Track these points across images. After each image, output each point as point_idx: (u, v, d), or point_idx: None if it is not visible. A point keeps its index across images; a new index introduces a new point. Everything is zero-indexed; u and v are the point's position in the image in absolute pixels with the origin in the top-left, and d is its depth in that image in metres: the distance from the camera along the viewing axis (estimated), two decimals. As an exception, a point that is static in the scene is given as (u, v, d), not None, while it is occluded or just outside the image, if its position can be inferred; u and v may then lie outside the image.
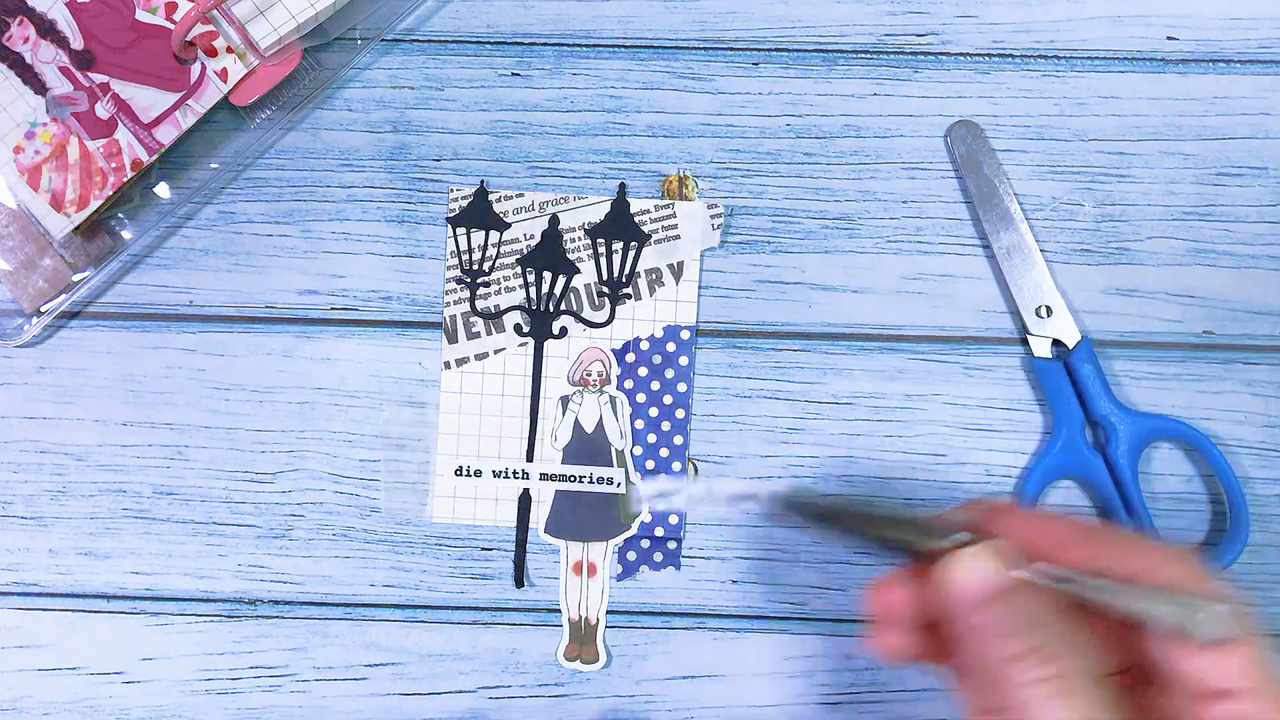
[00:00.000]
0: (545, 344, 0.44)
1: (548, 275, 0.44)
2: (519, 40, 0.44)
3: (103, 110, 0.42)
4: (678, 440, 0.44)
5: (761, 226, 0.44)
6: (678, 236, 0.44)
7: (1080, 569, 0.31)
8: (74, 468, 0.44)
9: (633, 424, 0.44)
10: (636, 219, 0.44)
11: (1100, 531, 0.34)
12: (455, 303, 0.44)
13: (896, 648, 0.35)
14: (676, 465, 0.44)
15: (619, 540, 0.44)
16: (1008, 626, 0.31)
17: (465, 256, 0.44)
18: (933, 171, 0.44)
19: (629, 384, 0.44)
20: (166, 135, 0.42)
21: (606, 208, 0.44)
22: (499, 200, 0.44)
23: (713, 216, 0.44)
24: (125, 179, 0.42)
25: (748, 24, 0.44)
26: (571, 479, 0.44)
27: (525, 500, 0.44)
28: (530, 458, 0.44)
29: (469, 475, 0.44)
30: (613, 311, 0.44)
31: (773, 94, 0.44)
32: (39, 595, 0.44)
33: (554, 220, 0.44)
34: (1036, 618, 0.31)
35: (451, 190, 0.44)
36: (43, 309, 0.43)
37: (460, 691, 0.44)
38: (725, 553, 0.44)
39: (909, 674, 0.44)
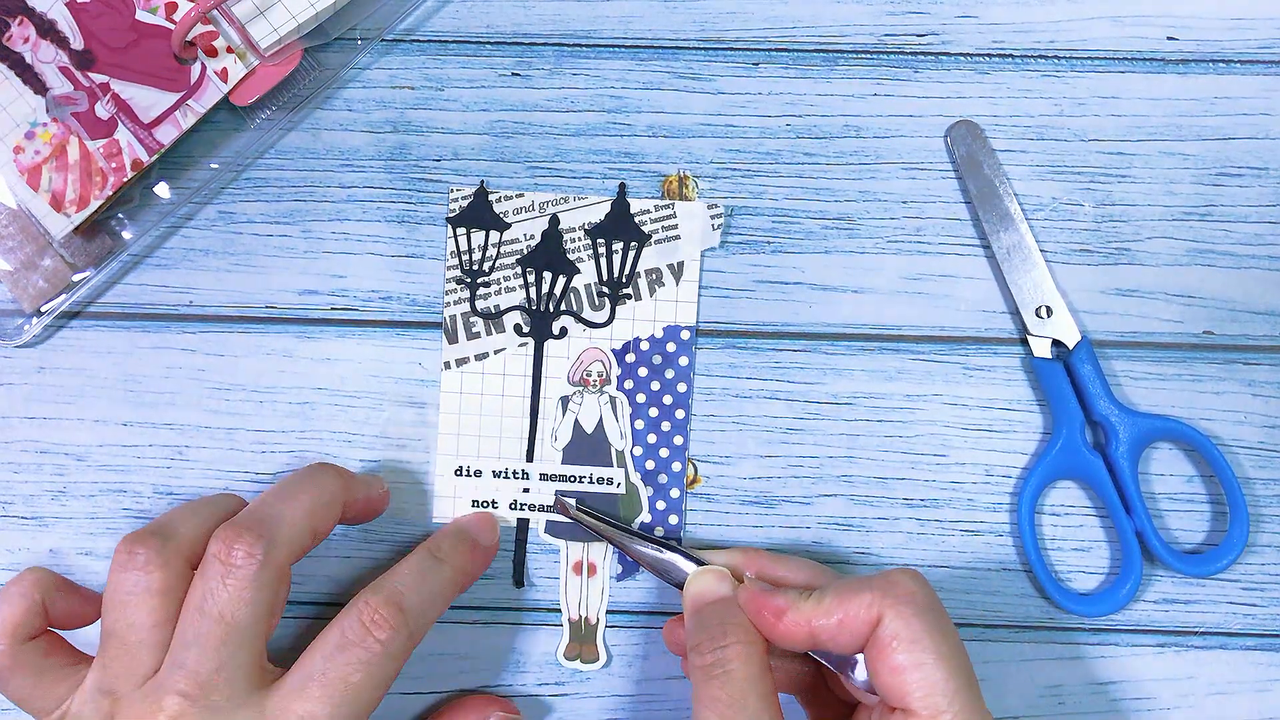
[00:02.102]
0: (545, 344, 0.44)
1: (548, 275, 0.44)
2: (519, 40, 0.44)
3: (103, 110, 0.42)
4: (678, 440, 0.44)
5: (761, 226, 0.44)
6: (678, 236, 0.44)
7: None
8: (74, 468, 0.44)
9: (633, 424, 0.44)
10: (636, 219, 0.44)
11: (784, 557, 0.41)
12: (455, 303, 0.44)
13: None
14: (676, 465, 0.44)
15: (619, 540, 0.44)
16: (697, 624, 0.38)
17: (465, 256, 0.44)
18: (933, 171, 0.44)
19: (629, 384, 0.44)
20: (166, 135, 0.42)
21: (606, 208, 0.44)
22: (499, 200, 0.44)
23: (713, 216, 0.44)
24: (125, 179, 0.42)
25: (748, 24, 0.44)
26: (571, 479, 0.44)
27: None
28: (530, 458, 0.44)
29: (469, 475, 0.44)
30: (613, 311, 0.44)
31: (773, 94, 0.44)
32: (39, 595, 0.44)
33: (554, 220, 0.44)
34: (720, 617, 0.38)
35: (451, 190, 0.44)
36: (43, 309, 0.43)
37: (460, 691, 0.44)
38: (725, 553, 0.44)
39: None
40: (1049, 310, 0.43)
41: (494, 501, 0.44)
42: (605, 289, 0.44)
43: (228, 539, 0.36)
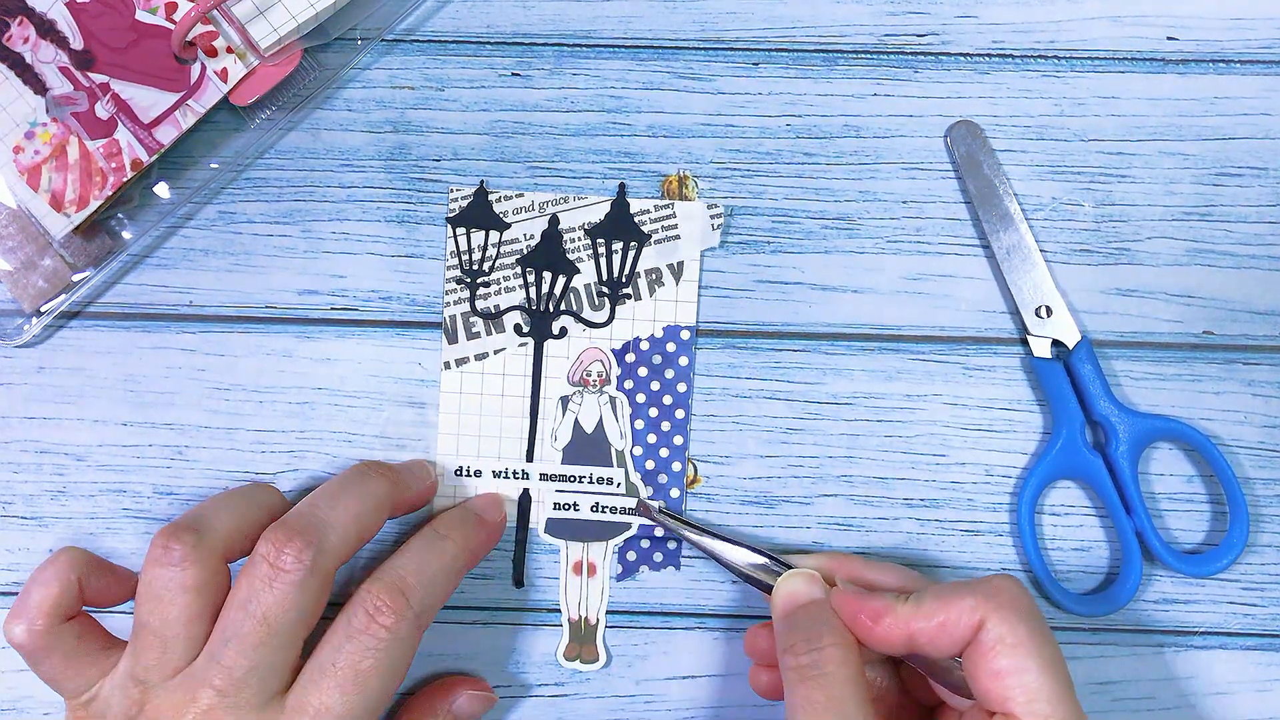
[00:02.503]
0: (545, 344, 0.44)
1: (548, 275, 0.44)
2: (519, 40, 0.44)
3: (103, 110, 0.42)
4: (678, 440, 0.44)
5: (761, 226, 0.44)
6: (678, 236, 0.44)
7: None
8: (74, 468, 0.44)
9: (633, 424, 0.44)
10: (636, 219, 0.44)
11: (873, 562, 0.41)
12: (455, 303, 0.44)
13: (765, 685, 0.42)
14: (676, 465, 0.44)
15: (619, 540, 0.44)
16: (791, 626, 0.38)
17: (465, 256, 0.44)
18: (933, 171, 0.44)
19: (629, 384, 0.44)
20: (166, 135, 0.42)
21: (606, 208, 0.44)
22: (499, 200, 0.44)
23: (713, 216, 0.44)
24: (125, 179, 0.42)
25: (748, 24, 0.44)
26: (571, 479, 0.44)
27: (525, 500, 0.44)
28: (530, 458, 0.44)
29: (469, 475, 0.44)
30: (613, 311, 0.44)
31: (773, 94, 0.44)
32: (39, 595, 0.44)
33: (554, 220, 0.44)
34: (815, 619, 0.37)
35: (451, 190, 0.44)
36: (43, 309, 0.43)
37: (460, 691, 0.44)
38: (725, 553, 0.44)
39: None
40: (1049, 310, 0.43)
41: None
42: (605, 289, 0.44)
43: (278, 542, 0.37)
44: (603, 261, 0.44)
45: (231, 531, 0.38)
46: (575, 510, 0.44)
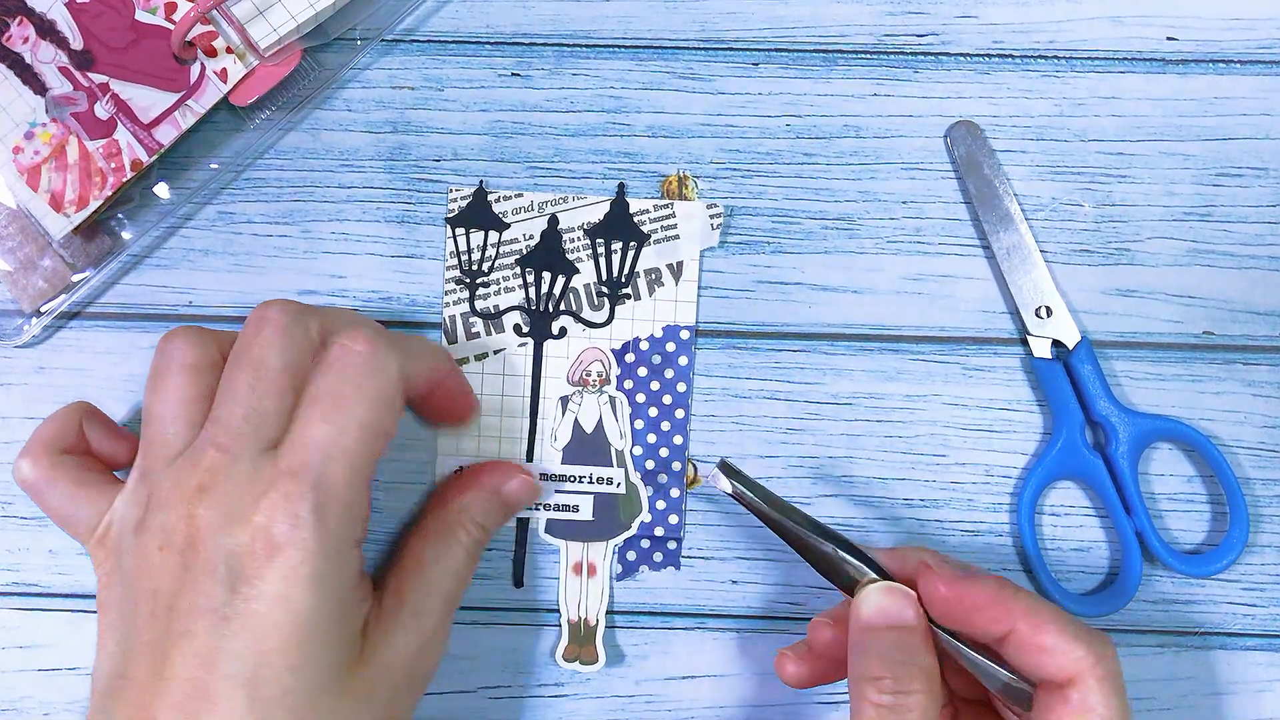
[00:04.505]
0: (545, 344, 0.44)
1: (547, 275, 0.44)
2: (519, 40, 0.44)
3: (102, 110, 0.42)
4: (677, 440, 0.44)
5: (761, 226, 0.44)
6: (677, 236, 0.44)
7: (957, 632, 0.37)
8: (74, 468, 0.44)
9: (632, 424, 0.44)
10: (636, 219, 0.44)
11: (1004, 593, 0.36)
12: (455, 303, 0.44)
13: (794, 676, 0.39)
14: (676, 465, 0.44)
15: (619, 540, 0.44)
16: (879, 651, 0.36)
17: (464, 257, 0.44)
18: (932, 172, 0.44)
19: (628, 384, 0.44)
20: (166, 135, 0.42)
21: (606, 208, 0.44)
22: (498, 200, 0.44)
23: (712, 216, 0.44)
24: (125, 179, 0.42)
25: (748, 24, 0.44)
26: (571, 479, 0.44)
27: (525, 500, 0.44)
28: (530, 458, 0.44)
29: (469, 475, 0.44)
30: (612, 311, 0.44)
31: (773, 94, 0.44)
32: (39, 595, 0.44)
33: (553, 220, 0.44)
34: (908, 656, 0.36)
35: (451, 190, 0.44)
36: (42, 309, 0.43)
37: (460, 691, 0.44)
38: (725, 553, 0.44)
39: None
40: (1049, 310, 0.43)
41: (494, 501, 0.44)
42: (604, 289, 0.44)
43: (260, 305, 0.38)
44: (602, 261, 0.44)
45: (234, 337, 0.39)
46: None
